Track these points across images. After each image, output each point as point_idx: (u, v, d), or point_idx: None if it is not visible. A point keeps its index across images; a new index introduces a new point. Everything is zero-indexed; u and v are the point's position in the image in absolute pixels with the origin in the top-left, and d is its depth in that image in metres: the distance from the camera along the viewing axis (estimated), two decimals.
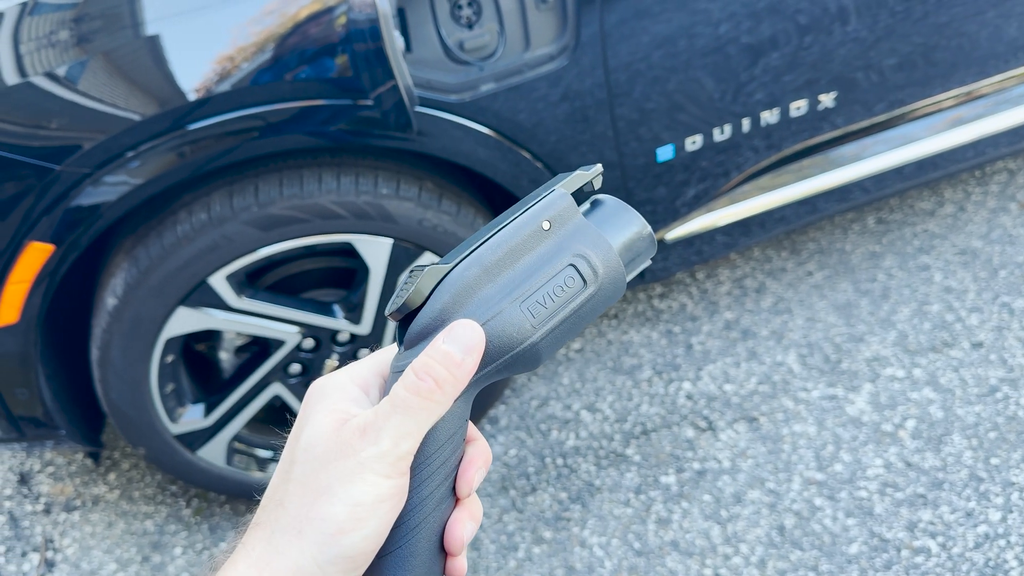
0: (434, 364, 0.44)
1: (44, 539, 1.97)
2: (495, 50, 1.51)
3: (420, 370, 0.44)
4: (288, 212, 1.50)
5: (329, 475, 0.43)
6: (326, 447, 0.44)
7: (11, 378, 1.59)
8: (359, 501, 0.43)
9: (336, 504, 0.43)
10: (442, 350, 0.44)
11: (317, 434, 0.45)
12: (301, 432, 0.46)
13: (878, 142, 1.93)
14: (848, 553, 1.66)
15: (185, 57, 1.41)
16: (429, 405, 0.44)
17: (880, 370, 1.98)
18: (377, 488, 0.43)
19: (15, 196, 1.40)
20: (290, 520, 0.43)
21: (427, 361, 0.44)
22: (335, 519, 0.43)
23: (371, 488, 0.43)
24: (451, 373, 0.44)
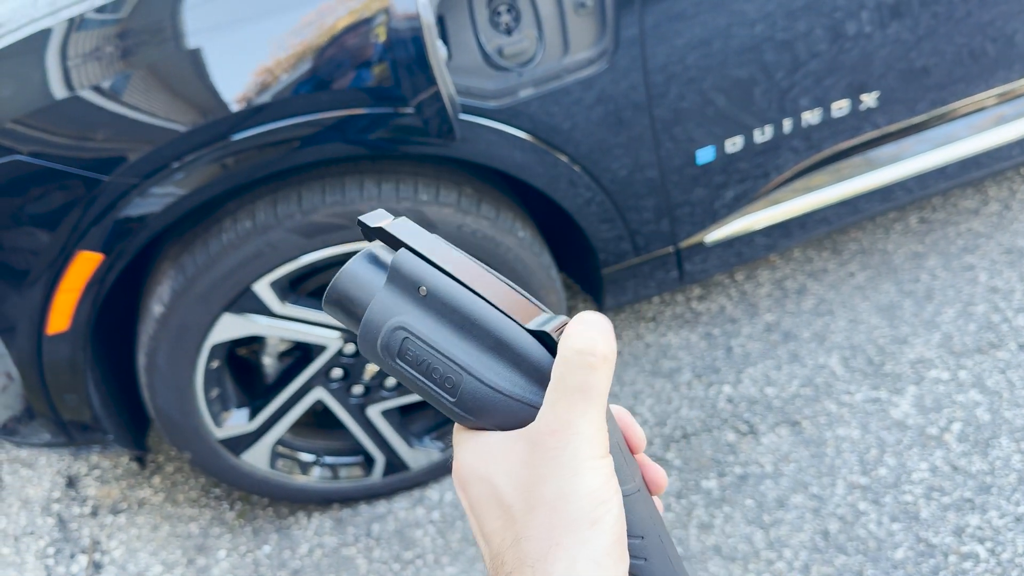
0: (593, 337, 0.42)
1: (91, 541, 2.01)
2: (534, 55, 1.51)
3: (583, 347, 0.41)
4: (331, 219, 1.52)
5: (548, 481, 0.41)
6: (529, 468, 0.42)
7: (61, 384, 1.62)
8: (592, 489, 0.41)
9: (578, 501, 0.40)
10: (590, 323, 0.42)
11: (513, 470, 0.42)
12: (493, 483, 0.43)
13: (920, 141, 1.90)
14: (894, 558, 1.63)
15: (227, 69, 1.43)
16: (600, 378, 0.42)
17: (925, 372, 1.95)
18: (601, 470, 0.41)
19: (65, 207, 1.43)
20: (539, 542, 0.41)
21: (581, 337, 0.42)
22: (582, 515, 0.40)
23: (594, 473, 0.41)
24: (606, 344, 0.42)
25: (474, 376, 0.44)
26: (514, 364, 0.44)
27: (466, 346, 0.44)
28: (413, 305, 0.45)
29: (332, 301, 0.47)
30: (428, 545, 1.85)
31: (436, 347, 0.44)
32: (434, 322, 0.44)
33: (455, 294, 0.45)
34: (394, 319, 0.45)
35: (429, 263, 0.46)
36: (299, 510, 1.98)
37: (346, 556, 1.87)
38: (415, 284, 0.45)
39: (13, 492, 2.17)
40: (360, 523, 1.92)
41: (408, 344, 0.45)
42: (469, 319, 0.44)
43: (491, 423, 0.44)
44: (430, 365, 0.44)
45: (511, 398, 0.44)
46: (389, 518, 1.92)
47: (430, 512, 1.92)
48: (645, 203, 1.75)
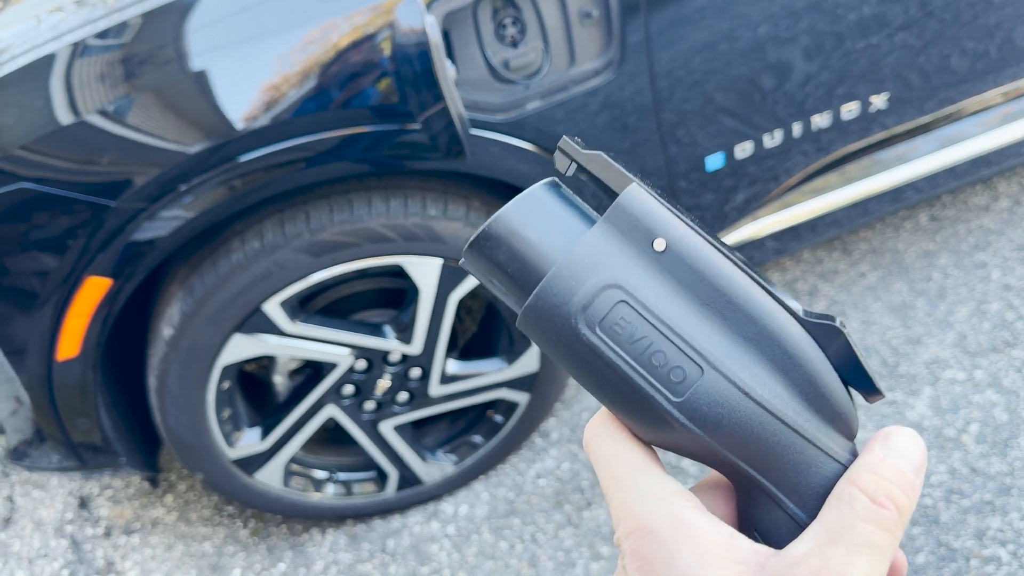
0: (890, 485, 0.33)
1: (106, 562, 2.00)
2: (540, 67, 1.50)
3: (876, 492, 0.32)
4: (339, 237, 1.50)
5: None
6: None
7: (72, 408, 1.61)
8: None
9: None
10: (893, 465, 0.33)
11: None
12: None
13: (929, 141, 1.88)
14: (915, 563, 1.62)
15: (232, 90, 1.42)
16: (890, 541, 0.32)
17: (940, 373, 1.94)
18: None
19: (73, 232, 1.42)
20: None
21: (879, 481, 0.33)
22: None
23: None
24: (909, 497, 0.33)
25: (723, 373, 0.32)
26: (783, 370, 0.32)
27: (714, 330, 0.32)
28: (638, 261, 0.33)
29: (490, 243, 0.34)
30: (444, 560, 1.84)
31: (669, 321, 0.32)
32: (669, 288, 0.32)
33: (709, 256, 0.32)
34: (606, 274, 0.32)
35: (669, 210, 0.33)
36: (313, 527, 1.97)
37: (361, 572, 1.86)
38: (649, 232, 0.33)
39: (26, 514, 2.16)
40: (375, 539, 1.91)
41: (622, 311, 0.32)
42: (726, 294, 0.32)
43: (725, 441, 0.32)
44: (651, 345, 0.32)
45: (774, 416, 0.32)
46: (404, 533, 1.91)
47: (445, 526, 1.91)
48: None
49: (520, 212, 0.35)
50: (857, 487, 0.32)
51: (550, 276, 0.33)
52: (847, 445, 0.34)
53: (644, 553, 0.33)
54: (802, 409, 0.33)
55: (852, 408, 0.34)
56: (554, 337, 0.33)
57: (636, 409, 0.33)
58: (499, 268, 0.34)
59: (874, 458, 0.33)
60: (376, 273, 1.66)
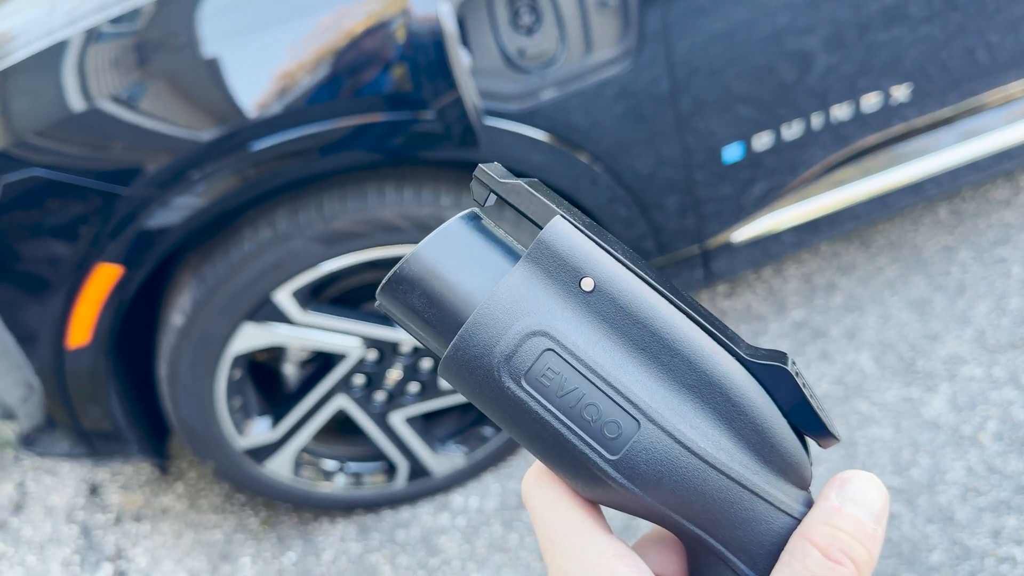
0: (846, 538, 0.30)
1: (116, 549, 2.01)
2: (556, 56, 1.48)
3: (829, 547, 0.30)
4: (352, 227, 1.49)
5: None
6: None
7: (83, 396, 1.61)
8: None
9: None
10: (851, 516, 0.30)
11: None
12: None
13: (950, 134, 1.85)
14: (929, 562, 1.60)
15: (245, 77, 1.41)
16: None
17: (958, 369, 1.91)
18: None
19: (84, 220, 1.41)
20: None
21: (834, 534, 0.30)
22: None
23: None
24: (868, 550, 0.30)
25: (661, 426, 0.29)
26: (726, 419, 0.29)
27: (650, 378, 0.29)
28: (564, 303, 0.30)
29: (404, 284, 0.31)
30: (454, 551, 1.84)
31: (600, 371, 0.29)
32: (599, 333, 0.29)
33: (642, 295, 0.29)
34: (530, 319, 0.29)
35: (598, 244, 0.30)
36: (323, 516, 1.96)
37: (371, 563, 1.85)
38: (576, 272, 0.30)
39: (37, 500, 2.17)
40: (384, 529, 1.91)
41: (548, 360, 0.29)
42: (662, 338, 0.29)
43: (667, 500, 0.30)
44: (583, 399, 0.29)
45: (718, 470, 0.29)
46: (413, 524, 1.91)
47: (455, 518, 1.90)
48: (669, 200, 1.71)
49: (435, 251, 0.31)
50: (810, 542, 0.30)
51: (469, 323, 0.30)
52: (800, 496, 0.31)
53: None
54: (749, 461, 0.30)
55: (804, 456, 0.31)
56: (477, 389, 0.30)
57: (569, 467, 0.31)
58: (415, 313, 0.32)
59: (829, 508, 0.30)
60: (388, 263, 1.65)
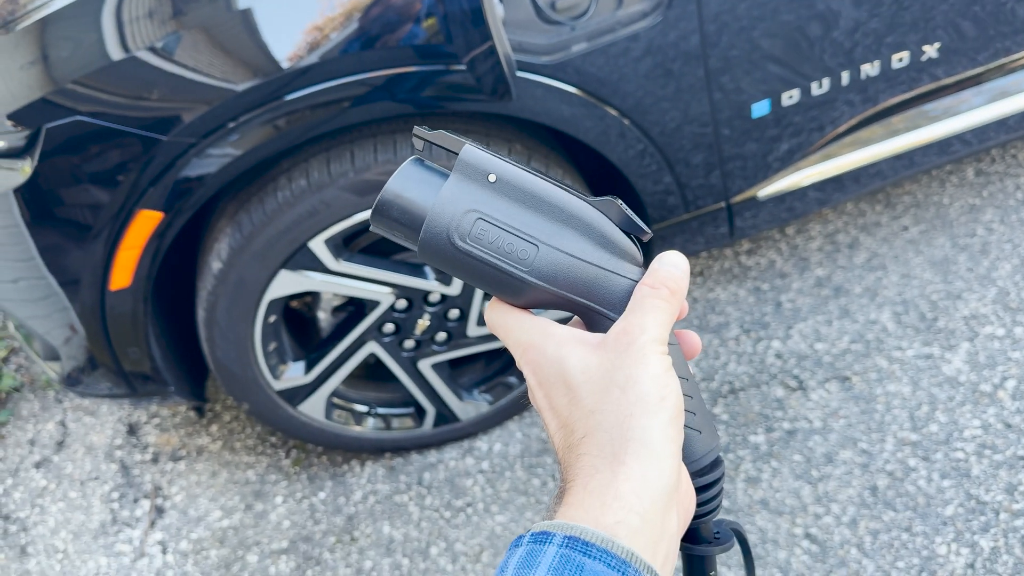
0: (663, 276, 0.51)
1: (153, 487, 2.09)
2: (587, 8, 1.49)
3: (653, 281, 0.50)
4: (383, 177, 1.53)
5: (618, 368, 0.48)
6: (599, 357, 0.49)
7: (124, 338, 1.67)
8: (656, 373, 0.48)
9: (644, 383, 0.48)
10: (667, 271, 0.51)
11: (583, 359, 0.49)
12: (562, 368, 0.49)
13: (979, 93, 1.84)
14: (943, 515, 1.64)
15: (278, 29, 1.43)
16: (667, 307, 0.50)
17: (979, 328, 1.93)
18: (661, 361, 0.49)
19: (125, 166, 1.46)
20: (614, 415, 0.47)
21: (658, 278, 0.51)
22: (650, 393, 0.47)
23: (656, 359, 0.48)
24: (677, 282, 0.51)
25: (550, 245, 0.49)
26: (585, 234, 0.50)
27: (539, 222, 0.49)
28: (482, 192, 0.49)
29: (385, 207, 0.50)
30: (478, 494, 1.90)
31: (510, 223, 0.49)
32: (506, 204, 0.49)
33: (524, 177, 0.50)
34: (465, 204, 0.49)
35: (494, 155, 0.50)
36: (352, 458, 2.03)
37: (399, 503, 1.92)
38: (484, 172, 0.49)
39: (78, 439, 2.26)
40: (412, 472, 1.97)
41: (480, 225, 0.49)
42: (539, 197, 0.49)
43: (561, 286, 0.50)
44: (503, 241, 0.49)
45: (587, 263, 0.50)
46: (440, 467, 1.97)
47: (479, 462, 1.96)
48: (695, 157, 1.73)
49: (399, 183, 0.50)
50: (644, 284, 0.51)
51: (429, 217, 0.49)
52: (637, 270, 0.52)
53: (532, 360, 0.51)
54: (602, 254, 0.50)
55: (633, 246, 0.51)
56: (442, 255, 0.50)
57: (505, 285, 0.50)
58: (395, 222, 0.50)
59: (652, 269, 0.51)
60: None
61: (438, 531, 1.85)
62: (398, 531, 1.87)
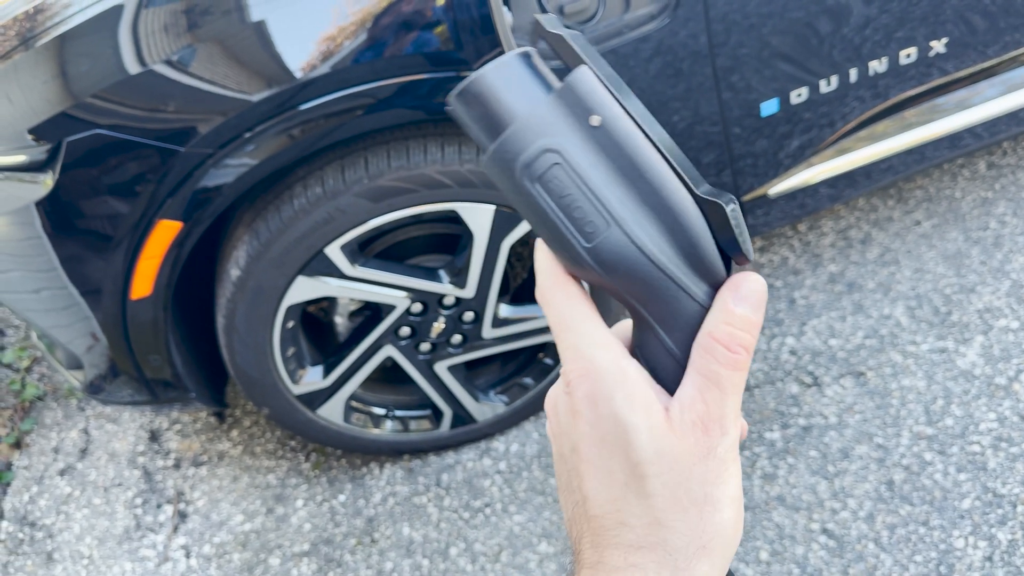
0: (740, 333, 0.41)
1: (176, 492, 2.12)
2: (595, 13, 1.50)
3: (729, 342, 0.41)
4: (396, 183, 1.55)
5: (698, 481, 0.41)
6: (676, 452, 0.41)
7: (145, 345, 1.70)
8: (735, 496, 0.42)
9: (724, 510, 0.42)
10: (741, 316, 0.41)
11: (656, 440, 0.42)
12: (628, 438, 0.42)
13: (992, 86, 1.84)
14: (960, 508, 1.64)
15: (291, 39, 1.45)
16: (744, 375, 0.42)
17: (993, 321, 1.93)
18: (738, 475, 0.43)
19: (145, 178, 1.48)
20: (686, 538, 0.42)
21: (731, 331, 0.41)
22: (728, 523, 0.42)
23: (735, 478, 0.42)
24: (754, 337, 0.41)
25: (624, 230, 0.40)
26: (671, 233, 0.41)
27: (624, 196, 0.40)
28: (576, 132, 0.40)
29: (470, 96, 0.42)
30: (496, 494, 1.92)
31: (590, 184, 0.40)
32: (596, 158, 0.40)
33: (632, 135, 0.40)
34: (550, 139, 0.40)
35: (610, 92, 0.40)
36: (371, 461, 2.06)
37: (418, 504, 1.94)
38: (588, 110, 0.40)
39: (101, 446, 2.29)
40: (430, 473, 2.00)
41: (556, 171, 0.40)
42: (639, 168, 0.40)
43: (620, 281, 0.41)
44: (574, 201, 0.40)
45: (657, 267, 0.41)
46: (458, 468, 1.99)
47: (497, 463, 1.98)
48: (706, 156, 1.74)
49: (493, 76, 0.42)
50: (716, 340, 0.41)
51: (506, 135, 0.41)
52: (711, 292, 0.42)
53: (591, 391, 0.43)
54: (680, 263, 0.41)
55: (720, 266, 0.42)
56: (505, 182, 0.42)
57: (560, 247, 0.42)
58: (473, 119, 0.42)
59: (726, 309, 0.41)
60: (432, 219, 1.71)
61: (457, 532, 1.87)
62: (417, 532, 1.89)
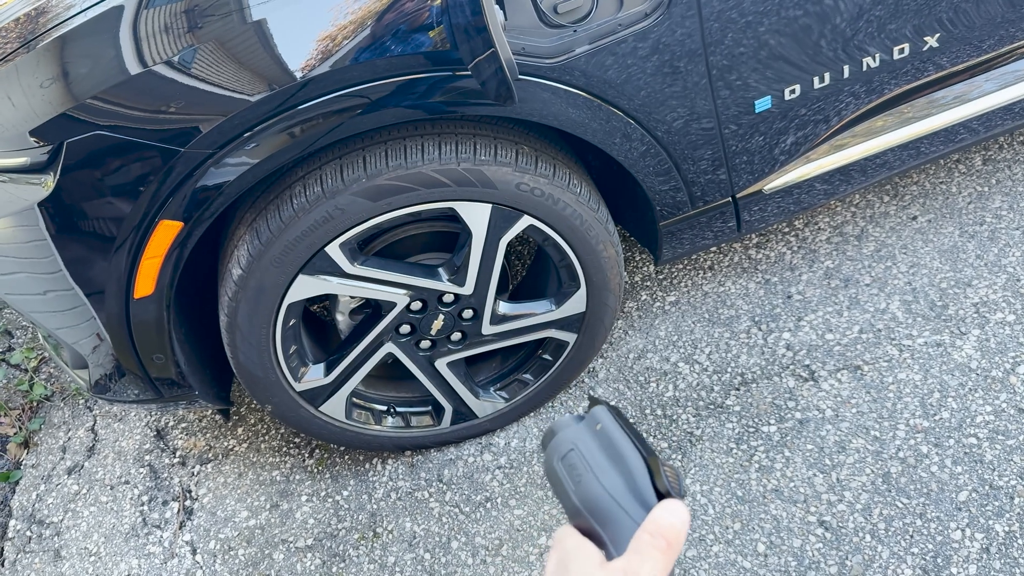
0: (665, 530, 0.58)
1: (182, 489, 2.15)
2: (589, 11, 1.52)
3: (656, 530, 0.58)
4: (395, 182, 1.57)
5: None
6: None
7: (149, 344, 1.72)
8: None
9: None
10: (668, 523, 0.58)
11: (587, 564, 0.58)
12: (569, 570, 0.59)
13: (986, 80, 1.86)
14: (957, 500, 1.66)
15: (290, 40, 1.47)
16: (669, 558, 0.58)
17: (989, 315, 1.94)
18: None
19: (146, 178, 1.50)
20: None
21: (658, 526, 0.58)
22: None
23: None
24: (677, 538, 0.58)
25: (597, 478, 0.63)
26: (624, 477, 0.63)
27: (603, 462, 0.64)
28: (589, 436, 0.66)
29: (548, 431, 0.70)
30: (496, 489, 1.94)
31: (586, 458, 0.65)
32: (595, 448, 0.65)
33: (616, 436, 0.65)
34: (573, 440, 0.66)
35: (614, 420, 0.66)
36: (374, 457, 2.08)
37: (420, 499, 1.96)
38: (596, 422, 0.66)
39: (107, 444, 2.32)
40: (431, 468, 2.02)
41: (572, 455, 0.65)
42: (615, 447, 0.64)
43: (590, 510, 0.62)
44: (575, 467, 0.65)
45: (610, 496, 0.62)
46: (459, 463, 2.01)
47: (497, 458, 2.00)
48: (701, 153, 1.75)
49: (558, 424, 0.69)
50: (645, 531, 0.58)
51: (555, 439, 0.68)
52: None
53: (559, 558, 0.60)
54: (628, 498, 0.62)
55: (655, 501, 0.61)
56: (545, 455, 0.68)
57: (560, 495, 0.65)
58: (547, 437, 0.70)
59: (655, 517, 0.59)
60: (430, 217, 1.73)
61: (458, 526, 1.89)
62: (420, 526, 1.91)
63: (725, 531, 1.73)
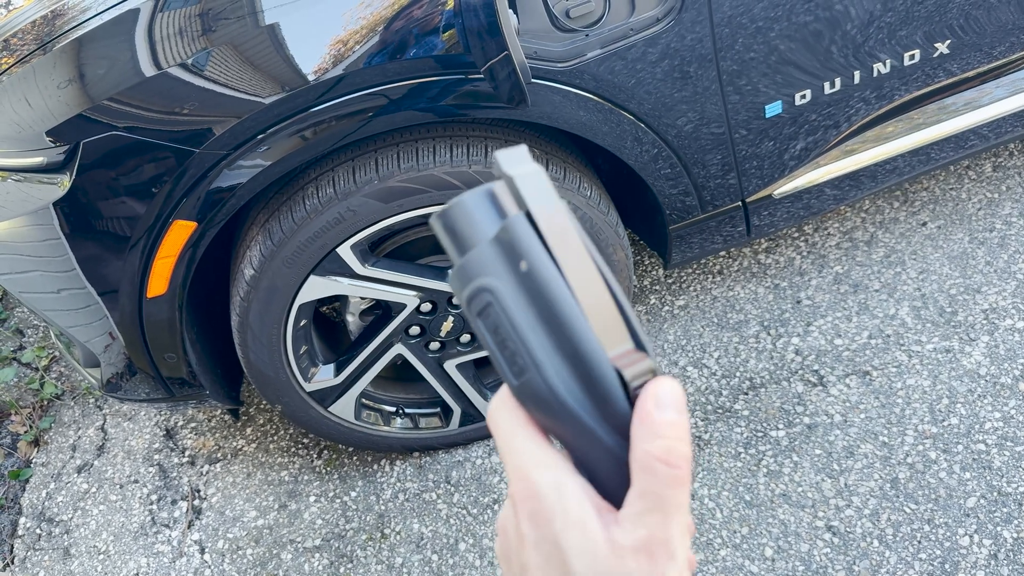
0: (675, 443, 0.40)
1: (191, 488, 2.16)
2: (601, 16, 1.53)
3: (668, 456, 0.39)
4: (406, 184, 1.58)
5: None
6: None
7: (161, 344, 1.73)
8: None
9: None
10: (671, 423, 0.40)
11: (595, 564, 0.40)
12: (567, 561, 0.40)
13: (997, 87, 1.86)
14: (965, 506, 1.66)
15: (304, 43, 1.49)
16: (686, 490, 0.40)
17: (998, 321, 1.94)
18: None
19: (160, 179, 1.52)
20: None
21: (666, 444, 0.39)
22: None
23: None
24: (688, 444, 0.40)
25: (542, 376, 0.42)
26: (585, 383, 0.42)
27: (545, 341, 0.42)
28: (509, 273, 0.42)
29: (440, 225, 0.45)
30: (504, 491, 1.94)
31: (516, 327, 0.42)
32: (523, 301, 0.42)
33: (552, 287, 0.42)
34: (486, 279, 0.42)
35: (541, 240, 0.42)
36: (382, 458, 2.09)
37: (428, 500, 1.97)
38: (518, 256, 0.42)
39: (117, 444, 2.33)
40: (440, 470, 2.02)
41: (490, 309, 0.42)
42: (557, 319, 0.42)
43: (544, 423, 0.43)
44: (505, 339, 0.42)
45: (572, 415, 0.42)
46: (467, 465, 2.02)
47: None
48: (711, 158, 1.76)
49: (453, 214, 0.45)
50: (654, 457, 0.40)
51: (458, 266, 0.44)
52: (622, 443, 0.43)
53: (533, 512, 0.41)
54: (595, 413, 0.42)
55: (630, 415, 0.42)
56: (461, 304, 0.44)
57: (501, 376, 0.44)
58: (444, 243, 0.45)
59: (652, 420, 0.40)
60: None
61: (466, 527, 1.90)
62: (427, 528, 1.92)
63: (733, 535, 1.73)
